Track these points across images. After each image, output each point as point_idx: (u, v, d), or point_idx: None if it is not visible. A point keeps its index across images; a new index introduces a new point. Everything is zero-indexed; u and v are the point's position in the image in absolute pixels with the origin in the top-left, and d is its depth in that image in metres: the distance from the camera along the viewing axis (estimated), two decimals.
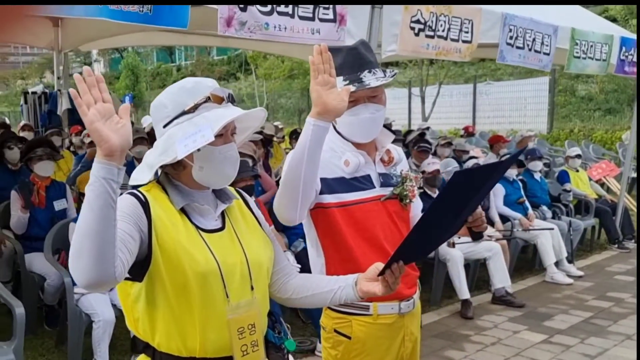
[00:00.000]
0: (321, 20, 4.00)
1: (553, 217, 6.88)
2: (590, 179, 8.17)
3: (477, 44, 5.22)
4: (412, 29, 4.61)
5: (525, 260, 6.76)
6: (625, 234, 7.85)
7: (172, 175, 1.70)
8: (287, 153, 7.81)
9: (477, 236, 2.11)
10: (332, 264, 2.14)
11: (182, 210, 1.65)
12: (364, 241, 2.11)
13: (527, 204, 6.50)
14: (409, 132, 9.02)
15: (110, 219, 1.36)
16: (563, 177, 7.60)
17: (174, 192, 1.68)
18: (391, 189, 2.19)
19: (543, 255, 6.30)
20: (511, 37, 5.56)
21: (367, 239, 2.12)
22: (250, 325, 1.66)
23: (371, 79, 2.07)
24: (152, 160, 1.65)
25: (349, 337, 2.14)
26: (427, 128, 9.45)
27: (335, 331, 2.16)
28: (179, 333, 1.59)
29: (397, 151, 2.29)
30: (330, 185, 2.09)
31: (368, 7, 4.27)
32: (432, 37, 4.78)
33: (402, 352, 2.22)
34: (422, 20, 4.66)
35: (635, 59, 7.37)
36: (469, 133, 11.80)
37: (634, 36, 7.59)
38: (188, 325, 1.59)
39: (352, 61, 2.09)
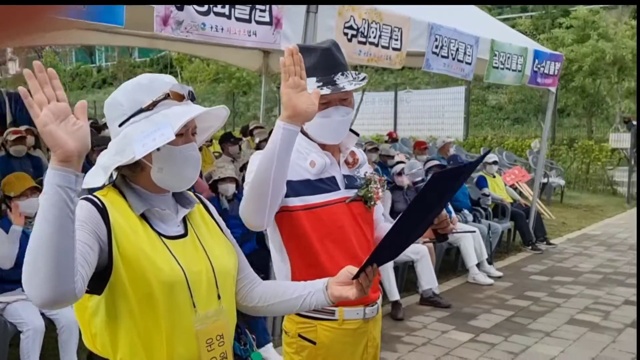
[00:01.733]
0: (257, 22, 3.91)
1: (474, 221, 7.07)
2: (505, 184, 8.46)
3: (406, 52, 5.28)
4: (346, 34, 4.61)
5: (449, 262, 6.91)
6: (538, 236, 8.19)
7: (130, 178, 1.57)
8: (216, 157, 7.65)
9: (442, 238, 2.10)
10: (297, 268, 2.08)
11: (142, 216, 1.53)
12: (330, 244, 2.06)
13: (450, 207, 6.63)
14: None
15: (67, 230, 1.24)
16: (481, 182, 7.83)
17: (132, 197, 1.56)
18: (355, 190, 2.14)
19: (465, 257, 6.46)
20: (437, 47, 5.68)
21: (334, 241, 2.06)
22: (219, 336, 1.56)
23: (345, 82, 2.02)
24: (107, 162, 1.51)
25: (314, 343, 2.07)
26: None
27: (300, 336, 2.08)
28: (144, 347, 1.47)
29: (361, 153, 2.25)
30: (296, 187, 2.02)
31: (303, 11, 4.21)
32: (364, 43, 4.79)
33: (364, 359, 2.16)
34: (355, 27, 4.66)
35: (547, 71, 7.72)
36: (392, 139, 11.99)
37: (545, 49, 7.94)
38: (154, 339, 1.47)
39: (326, 63, 2.03)
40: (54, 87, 1.25)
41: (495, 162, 8.13)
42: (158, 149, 1.48)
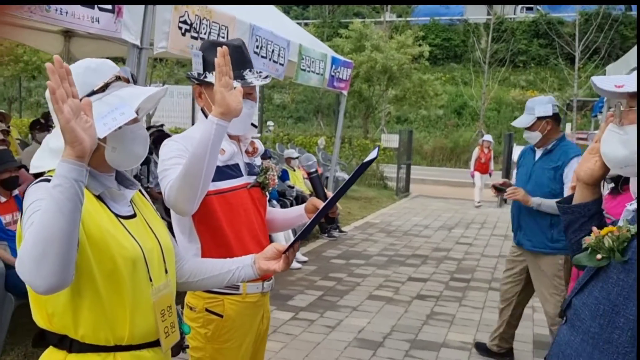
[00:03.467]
0: (101, 9, 3.78)
1: None
2: (304, 177, 9.07)
3: None
4: (180, 28, 4.64)
5: None
6: (331, 224, 8.93)
7: None
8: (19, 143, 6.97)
9: (331, 221, 2.37)
10: (207, 248, 2.19)
11: (97, 197, 1.55)
12: (238, 225, 2.21)
13: None
14: (148, 128, 8.81)
15: (78, 222, 1.30)
16: (284, 176, 8.31)
17: (88, 178, 1.56)
18: (255, 177, 2.31)
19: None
20: (257, 47, 5.95)
21: (241, 223, 2.22)
22: (168, 307, 1.67)
23: (252, 78, 2.19)
24: (60, 144, 1.50)
25: (221, 316, 2.21)
26: (162, 125, 9.35)
27: (207, 310, 2.20)
28: (108, 322, 1.52)
29: (259, 143, 2.41)
30: None
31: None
32: (196, 38, 4.86)
33: (260, 329, 2.38)
34: (189, 22, 4.72)
35: (341, 76, 8.45)
36: None
37: (339, 56, 8.68)
38: (118, 313, 1.53)
39: (237, 59, 2.16)
40: (70, 83, 1.27)
41: (296, 158, 8.67)
42: (119, 128, 1.52)
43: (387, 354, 4.59)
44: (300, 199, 8.35)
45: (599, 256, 1.46)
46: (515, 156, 13.76)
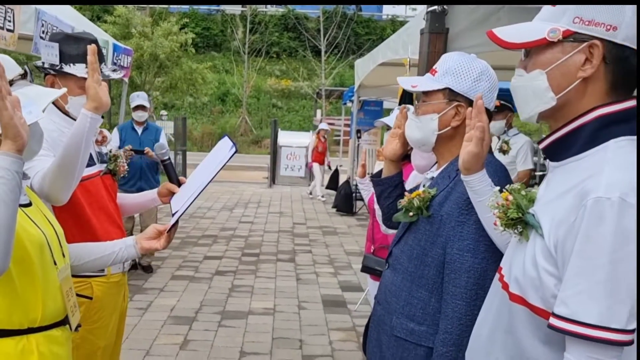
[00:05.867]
0: None
1: None
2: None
3: (18, 34, 5.05)
4: None
5: None
6: None
7: None
8: None
9: None
10: (71, 235, 2.17)
11: None
12: (98, 211, 2.27)
13: None
14: None
15: (17, 211, 1.36)
16: None
17: None
18: (105, 164, 2.37)
19: None
20: (43, 32, 5.57)
21: (100, 209, 2.28)
22: (70, 288, 1.74)
23: (108, 71, 2.24)
24: None
25: (91, 298, 2.24)
26: None
27: (77, 294, 2.21)
28: (21, 306, 1.55)
29: (108, 133, 2.45)
30: None
31: None
32: None
33: (122, 306, 2.46)
34: None
35: (122, 63, 8.21)
36: None
37: (120, 44, 8.41)
38: (30, 298, 1.57)
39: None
40: (5, 80, 1.31)
41: None
42: None
43: (203, 327, 4.82)
44: None
45: (411, 213, 1.85)
46: (281, 141, 14.69)
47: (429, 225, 1.82)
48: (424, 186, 1.96)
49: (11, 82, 1.58)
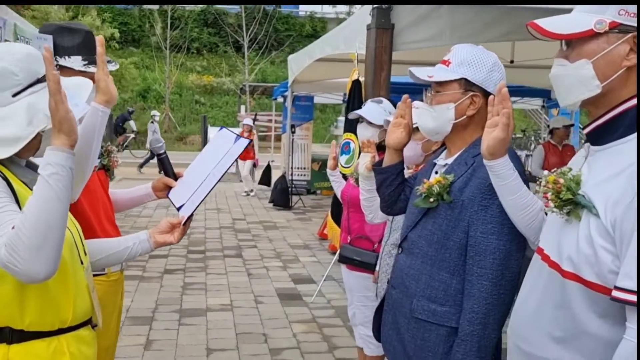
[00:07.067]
0: None
1: None
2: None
3: None
4: None
5: None
6: None
7: None
8: None
9: None
10: None
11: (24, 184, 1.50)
12: (97, 207, 2.19)
13: None
14: None
15: (68, 209, 1.34)
16: None
17: (13, 165, 1.49)
18: (99, 160, 2.28)
19: None
20: None
21: (99, 205, 2.21)
22: (92, 286, 1.67)
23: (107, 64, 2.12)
24: (17, 132, 1.40)
25: None
26: None
27: None
28: (53, 307, 1.49)
29: None
30: None
31: None
32: None
33: (120, 304, 2.38)
34: None
35: None
36: None
37: None
38: (62, 297, 1.50)
39: (90, 43, 2.10)
40: (52, 69, 1.26)
41: None
42: None
43: (163, 326, 4.70)
44: None
45: (431, 199, 1.90)
46: (211, 137, 14.44)
47: (450, 210, 1.87)
48: (436, 173, 2.01)
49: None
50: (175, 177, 2.41)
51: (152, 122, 16.85)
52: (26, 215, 1.26)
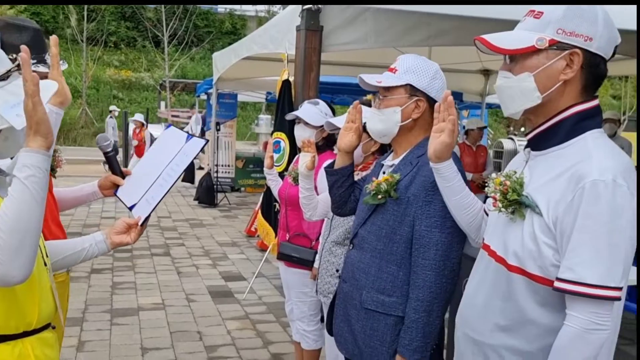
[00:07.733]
0: None
1: None
2: None
3: None
4: None
5: None
6: None
7: None
8: None
9: None
10: None
11: None
12: (48, 210, 2.11)
13: None
14: None
15: (44, 211, 1.32)
16: None
17: None
18: None
19: None
20: None
21: (46, 206, 2.13)
22: (55, 287, 1.65)
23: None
24: None
25: None
26: None
27: None
28: (19, 310, 1.46)
29: None
30: None
31: None
32: None
33: (66, 306, 2.42)
34: None
35: None
36: None
37: None
38: (28, 300, 1.48)
39: (39, 42, 2.06)
40: (29, 70, 1.26)
41: None
42: None
43: (94, 327, 4.58)
44: None
45: (379, 196, 2.01)
46: (155, 134, 14.02)
47: (397, 207, 1.99)
48: (383, 173, 2.13)
49: (9, 74, 1.45)
50: (123, 176, 2.40)
51: (110, 118, 16.15)
52: (3, 218, 1.25)
